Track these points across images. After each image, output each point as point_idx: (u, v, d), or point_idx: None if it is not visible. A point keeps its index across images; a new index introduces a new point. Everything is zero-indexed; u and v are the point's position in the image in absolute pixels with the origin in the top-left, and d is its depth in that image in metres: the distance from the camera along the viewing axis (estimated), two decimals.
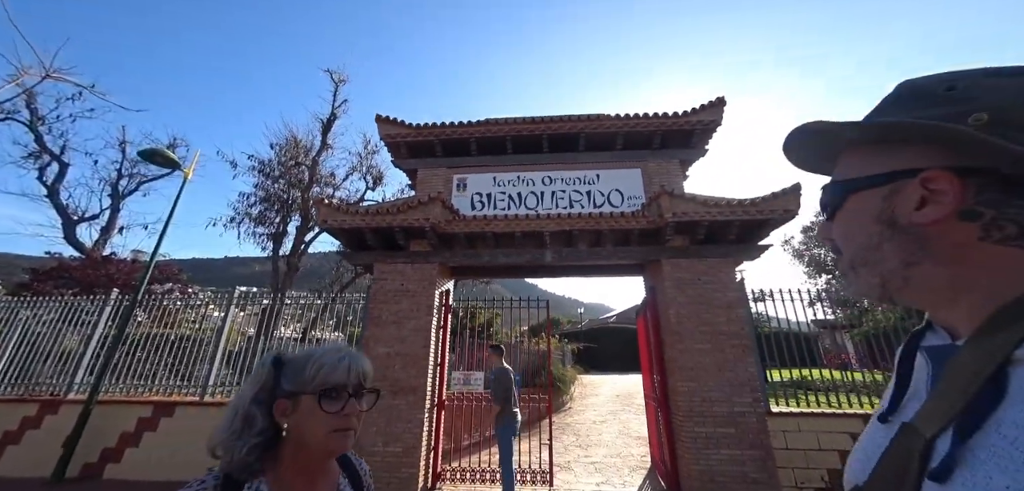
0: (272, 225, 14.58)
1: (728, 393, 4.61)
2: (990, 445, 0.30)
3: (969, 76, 0.39)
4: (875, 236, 0.42)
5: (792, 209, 4.72)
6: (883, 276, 0.42)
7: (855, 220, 0.44)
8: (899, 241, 0.40)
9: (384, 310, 5.34)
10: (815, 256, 17.08)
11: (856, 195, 0.43)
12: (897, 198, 0.40)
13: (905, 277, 0.40)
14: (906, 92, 0.43)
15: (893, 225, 0.40)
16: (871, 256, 0.42)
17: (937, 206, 0.37)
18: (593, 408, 11.24)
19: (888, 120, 0.40)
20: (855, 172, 0.44)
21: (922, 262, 0.39)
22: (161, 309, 6.59)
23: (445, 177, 6.04)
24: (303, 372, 0.73)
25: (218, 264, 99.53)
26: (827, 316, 5.55)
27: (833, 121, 0.44)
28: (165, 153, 6.15)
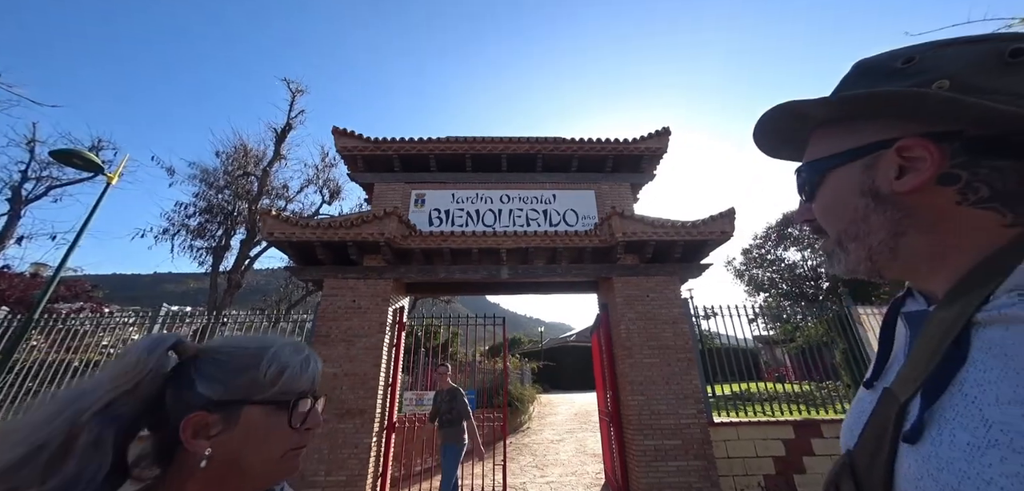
0: (213, 238, 13.42)
1: (674, 406, 4.82)
2: (954, 405, 0.31)
3: (925, 48, 0.40)
4: (861, 209, 0.42)
5: (728, 231, 5.16)
6: (871, 248, 0.42)
7: (839, 196, 0.44)
8: (885, 212, 0.40)
9: (333, 327, 5.06)
10: (754, 276, 18.63)
11: (835, 172, 0.44)
12: (877, 170, 0.40)
13: (892, 247, 0.41)
14: (864, 69, 0.44)
15: (877, 196, 0.40)
16: (860, 229, 0.42)
17: (916, 173, 0.38)
18: (551, 427, 11.21)
19: (858, 92, 0.40)
20: (830, 149, 0.44)
21: (908, 231, 0.40)
22: (65, 331, 5.74)
23: (403, 192, 5.95)
24: (248, 372, 0.52)
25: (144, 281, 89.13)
26: (766, 332, 6.02)
27: (806, 99, 0.44)
28: (84, 155, 5.49)
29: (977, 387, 0.30)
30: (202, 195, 13.55)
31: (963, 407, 0.31)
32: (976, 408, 0.30)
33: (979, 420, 0.29)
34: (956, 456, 0.30)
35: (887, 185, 0.39)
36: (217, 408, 0.49)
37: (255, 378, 0.51)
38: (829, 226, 0.46)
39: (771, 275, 17.83)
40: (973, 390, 0.30)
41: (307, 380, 0.55)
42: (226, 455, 0.49)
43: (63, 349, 5.52)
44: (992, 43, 0.37)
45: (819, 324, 6.99)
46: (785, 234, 17.95)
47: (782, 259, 17.87)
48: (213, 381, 0.50)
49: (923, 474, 0.32)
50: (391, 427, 5.15)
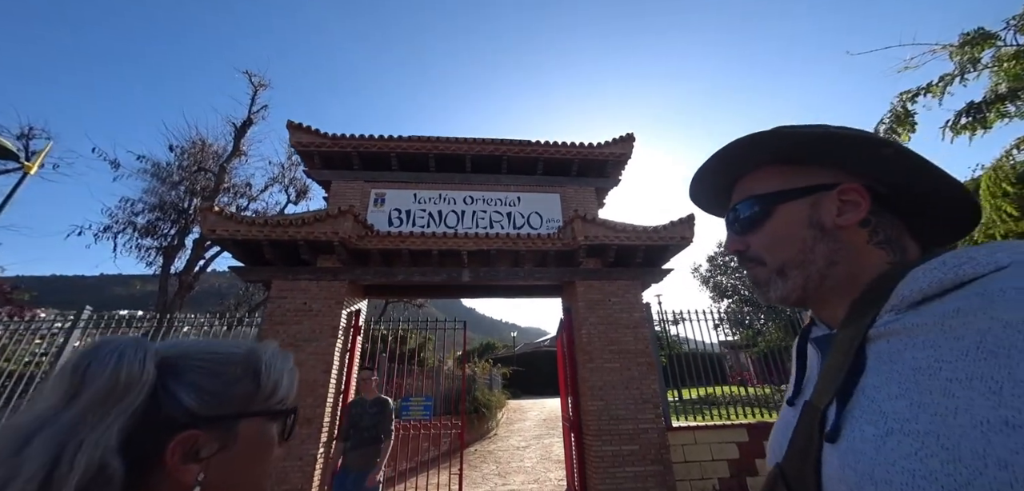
0: (164, 237, 12.53)
1: (633, 411, 4.82)
2: (861, 406, 0.38)
3: (833, 128, 0.46)
4: (810, 240, 0.47)
5: (687, 236, 5.25)
6: (809, 276, 0.48)
7: (788, 227, 0.49)
8: (827, 244, 0.47)
9: (281, 331, 4.76)
10: (718, 283, 19.34)
11: (785, 205, 0.49)
12: (821, 207, 0.47)
13: (824, 274, 0.47)
14: (786, 134, 0.49)
15: (822, 229, 0.47)
16: (805, 258, 0.48)
17: (851, 213, 0.46)
18: (519, 434, 11.09)
19: (843, 130, 0.46)
20: (779, 186, 0.50)
21: (839, 261, 0.46)
22: None
23: (362, 191, 5.71)
24: (243, 381, 0.45)
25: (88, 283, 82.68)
26: (729, 337, 6.17)
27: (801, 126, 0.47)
28: None
29: (874, 389, 0.38)
30: (153, 191, 12.66)
31: (867, 406, 0.38)
32: (876, 406, 0.37)
33: (879, 415, 0.36)
34: (866, 447, 0.36)
35: (830, 220, 0.47)
36: (209, 424, 0.41)
37: (252, 388, 0.45)
38: (773, 255, 0.51)
39: (734, 282, 18.57)
40: (872, 392, 0.38)
41: (295, 389, 0.51)
42: (221, 479, 0.41)
43: None
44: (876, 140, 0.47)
45: (777, 328, 7.25)
46: None
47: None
48: (201, 392, 0.42)
49: (844, 466, 0.38)
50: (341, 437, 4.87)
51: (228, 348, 0.47)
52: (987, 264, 0.35)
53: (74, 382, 0.36)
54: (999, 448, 0.29)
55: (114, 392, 0.36)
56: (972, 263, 0.36)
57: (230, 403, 0.43)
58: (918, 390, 0.34)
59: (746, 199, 0.53)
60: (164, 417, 0.39)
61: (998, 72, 3.31)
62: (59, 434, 0.33)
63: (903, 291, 0.38)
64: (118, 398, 0.36)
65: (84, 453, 0.33)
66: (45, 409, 0.35)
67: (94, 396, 0.36)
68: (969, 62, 3.46)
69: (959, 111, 3.65)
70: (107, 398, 0.36)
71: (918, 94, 3.81)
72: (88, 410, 0.35)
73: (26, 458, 0.32)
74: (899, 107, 3.95)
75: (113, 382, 0.36)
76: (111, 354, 0.38)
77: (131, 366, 0.38)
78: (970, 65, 3.47)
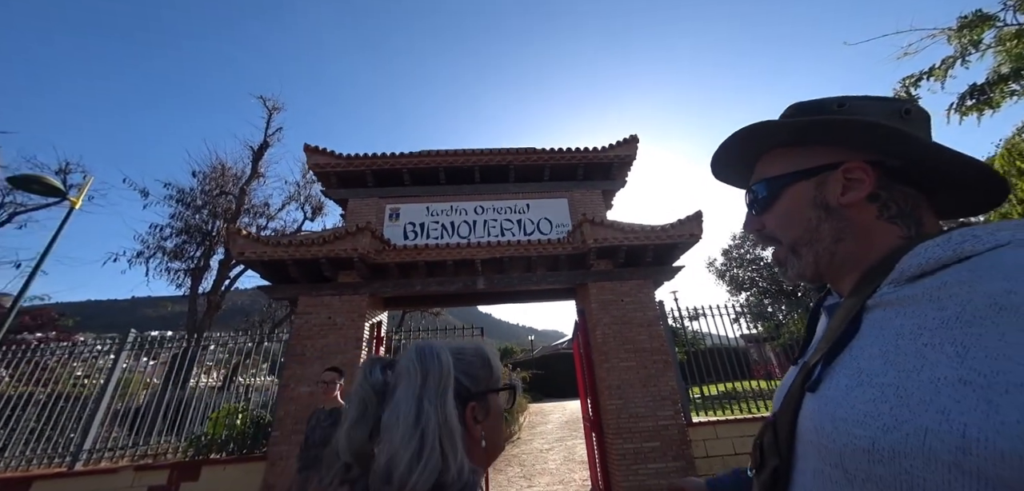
0: (191, 259, 13.12)
1: (652, 408, 4.87)
2: (843, 362, 0.42)
3: (851, 98, 0.50)
4: (814, 219, 0.50)
5: (696, 233, 5.29)
6: (817, 254, 0.50)
7: (795, 207, 0.52)
8: (832, 221, 0.49)
9: (308, 345, 4.99)
10: (735, 276, 18.99)
11: (792, 187, 0.52)
12: (826, 187, 0.49)
13: (833, 252, 0.49)
14: (804, 109, 0.53)
15: (826, 208, 0.49)
16: (812, 236, 0.50)
17: (855, 191, 0.47)
18: (541, 437, 11.16)
19: (841, 117, 0.49)
20: (786, 168, 0.53)
21: (845, 238, 0.48)
22: (31, 363, 5.51)
23: (377, 207, 5.95)
24: (486, 368, 0.63)
25: (121, 306, 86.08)
26: (751, 330, 6.10)
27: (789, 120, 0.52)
28: (44, 180, 5.34)
29: (859, 349, 0.41)
30: (179, 216, 13.27)
31: (848, 362, 0.41)
32: (855, 363, 0.40)
33: (855, 370, 0.40)
34: (838, 395, 0.40)
35: (835, 199, 0.49)
36: (479, 398, 0.60)
37: (491, 374, 0.63)
38: (784, 234, 0.53)
39: (751, 274, 18.20)
40: (856, 352, 0.41)
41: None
42: (488, 434, 0.60)
43: (29, 382, 5.31)
44: (896, 102, 0.50)
45: (800, 319, 7.15)
46: None
47: (760, 258, 18.27)
48: (471, 377, 0.60)
49: (815, 411, 0.42)
50: None
51: (471, 347, 0.65)
52: (987, 241, 0.36)
53: (421, 368, 0.55)
54: (945, 398, 0.31)
55: (445, 374, 0.55)
56: (973, 240, 0.37)
57: (484, 383, 0.61)
58: (896, 352, 0.36)
59: (759, 181, 0.56)
60: (460, 392, 0.58)
61: (1001, 52, 3.26)
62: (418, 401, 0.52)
63: (903, 265, 0.41)
64: (441, 384, 0.55)
65: (436, 413, 0.52)
66: (410, 387, 0.54)
67: (436, 378, 0.55)
68: (970, 44, 3.43)
69: (962, 93, 3.61)
70: (442, 378, 0.55)
71: (920, 79, 3.78)
72: (433, 386, 0.54)
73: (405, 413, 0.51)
74: (902, 92, 3.94)
75: (442, 367, 0.56)
76: (432, 351, 0.57)
77: (445, 358, 0.57)
78: (971, 47, 3.43)
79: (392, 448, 0.48)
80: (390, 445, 0.49)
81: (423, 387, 0.53)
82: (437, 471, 0.47)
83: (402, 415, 0.50)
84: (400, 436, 0.48)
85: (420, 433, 0.49)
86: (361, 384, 0.57)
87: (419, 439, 0.48)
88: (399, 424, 0.49)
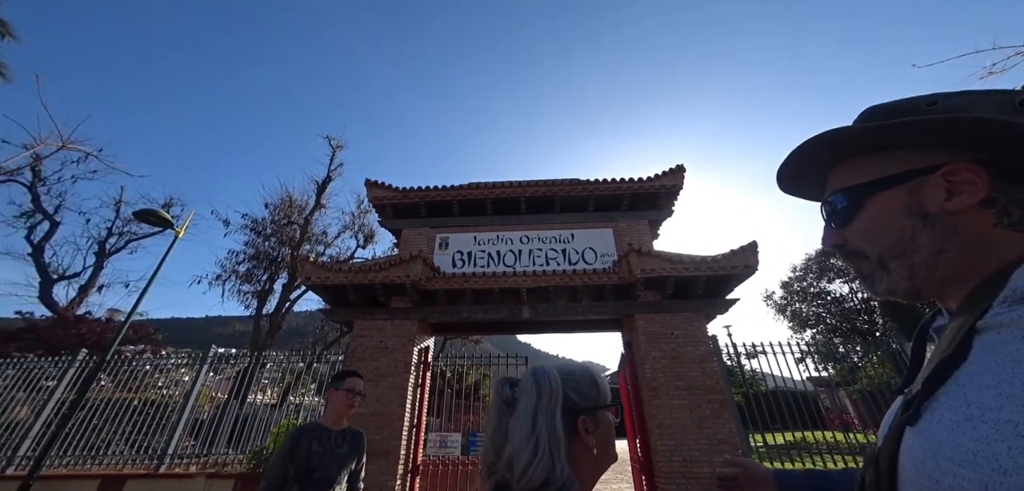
0: (259, 282, 14.49)
1: (708, 453, 4.53)
2: (948, 393, 0.37)
3: (943, 95, 0.44)
4: (909, 229, 0.44)
5: (751, 264, 5.01)
6: (913, 266, 0.44)
7: (883, 218, 0.46)
8: (932, 230, 0.43)
9: (361, 368, 5.28)
10: (797, 311, 17.33)
11: (879, 195, 0.47)
12: (923, 192, 0.43)
13: (932, 264, 0.43)
14: (885, 112, 0.48)
15: (925, 216, 0.43)
16: (906, 248, 0.44)
17: (965, 195, 0.41)
18: None
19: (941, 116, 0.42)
20: (868, 175, 0.48)
21: (948, 249, 0.42)
22: (128, 372, 6.34)
23: (428, 236, 6.30)
24: (595, 386, 0.68)
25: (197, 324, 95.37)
26: (820, 373, 5.51)
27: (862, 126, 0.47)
28: (159, 213, 6.32)
29: (967, 378, 0.36)
30: (251, 243, 14.84)
31: (954, 393, 0.37)
32: (963, 393, 0.36)
33: (962, 401, 0.35)
34: (941, 429, 0.36)
35: (936, 206, 0.43)
36: (588, 412, 0.66)
37: (599, 391, 0.68)
38: (871, 247, 0.48)
39: (816, 310, 16.50)
40: (965, 380, 0.37)
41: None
42: (599, 445, 0.66)
43: (124, 389, 6.09)
44: (1003, 94, 0.43)
45: (880, 362, 6.38)
46: (827, 265, 16.75)
47: (827, 292, 16.58)
48: (581, 394, 0.66)
49: (915, 446, 0.38)
50: (415, 469, 5.16)
51: (580, 369, 0.71)
52: None
53: (536, 388, 0.64)
54: None
55: (554, 393, 0.63)
56: None
57: (592, 400, 0.67)
58: (1011, 382, 0.33)
59: (836, 192, 0.51)
60: (570, 407, 0.65)
61: None
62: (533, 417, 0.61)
63: (1018, 282, 0.36)
64: (553, 399, 0.63)
65: (547, 424, 0.60)
66: (528, 402, 0.63)
67: (547, 396, 0.63)
68: None
69: None
70: (552, 396, 0.63)
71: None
72: (545, 403, 0.62)
73: (524, 424, 0.60)
74: None
75: (552, 387, 0.64)
76: (545, 373, 0.66)
77: (555, 380, 0.65)
78: None
79: (514, 448, 0.59)
80: (512, 446, 0.60)
81: (537, 403, 0.62)
82: (547, 470, 0.57)
83: (521, 424, 0.60)
84: (520, 439, 0.59)
85: (535, 439, 0.59)
86: (495, 400, 0.68)
87: (534, 443, 0.58)
88: (519, 431, 0.60)
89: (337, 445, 1.92)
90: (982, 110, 0.41)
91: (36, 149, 8.48)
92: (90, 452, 5.41)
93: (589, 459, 0.64)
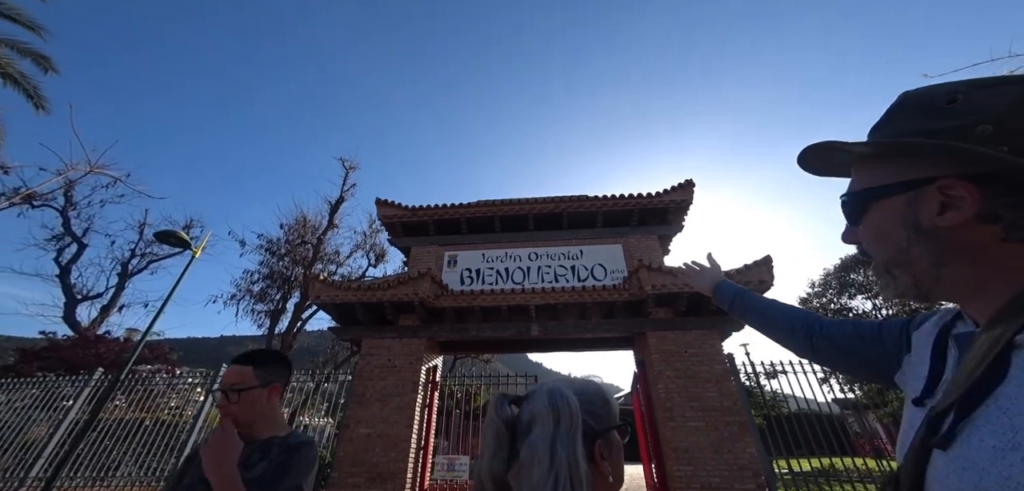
0: (272, 302, 14.69)
1: (729, 479, 4.31)
2: (988, 416, 0.34)
3: (965, 87, 0.42)
4: (904, 240, 0.43)
5: (766, 279, 4.86)
6: (916, 276, 0.44)
7: (883, 226, 0.46)
8: (926, 244, 0.42)
9: (369, 387, 5.23)
10: None
11: (879, 203, 0.46)
12: (919, 204, 0.42)
13: (936, 277, 0.42)
14: (910, 103, 0.45)
15: (918, 229, 0.42)
16: (904, 258, 0.44)
17: (957, 211, 0.40)
18: None
19: (902, 140, 0.43)
20: (872, 182, 0.47)
21: (949, 263, 0.41)
22: (143, 391, 6.41)
23: (436, 254, 6.32)
24: (606, 406, 0.63)
25: (211, 343, 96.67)
26: (846, 395, 5.26)
27: (844, 141, 0.48)
28: (178, 234, 6.50)
29: (1010, 400, 0.33)
30: (265, 263, 15.12)
31: (996, 417, 0.34)
32: (1007, 418, 0.33)
33: (1008, 427, 0.32)
34: (982, 457, 0.33)
35: (929, 220, 0.41)
36: (602, 436, 0.60)
37: (610, 412, 0.63)
38: (875, 253, 0.48)
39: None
40: (1007, 403, 0.33)
41: None
42: (614, 470, 0.61)
43: (138, 408, 6.14)
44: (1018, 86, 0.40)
45: None
46: (847, 281, 16.19)
47: (848, 308, 15.96)
48: (595, 416, 0.60)
49: (949, 473, 0.36)
50: None
51: (592, 387, 0.65)
52: None
53: (554, 412, 0.56)
54: None
55: (574, 419, 0.56)
56: None
57: (606, 421, 0.62)
58: None
59: (845, 194, 0.50)
60: (586, 431, 0.58)
61: None
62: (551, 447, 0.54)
63: None
64: (572, 423, 0.56)
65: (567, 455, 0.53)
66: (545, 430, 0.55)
67: (567, 422, 0.56)
68: None
69: None
70: (572, 422, 0.56)
71: None
72: (565, 430, 0.55)
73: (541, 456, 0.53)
74: None
75: (571, 411, 0.56)
76: (562, 396, 0.58)
77: (574, 403, 0.57)
78: None
79: (531, 485, 0.51)
80: (529, 484, 0.52)
81: (556, 430, 0.55)
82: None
83: (538, 458, 0.53)
84: (538, 476, 0.52)
85: (554, 475, 0.52)
86: (493, 419, 0.60)
87: (553, 480, 0.51)
88: (536, 466, 0.53)
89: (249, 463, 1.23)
90: (999, 107, 0.39)
91: (67, 174, 8.93)
92: (100, 472, 5.43)
93: (604, 487, 0.58)
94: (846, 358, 0.70)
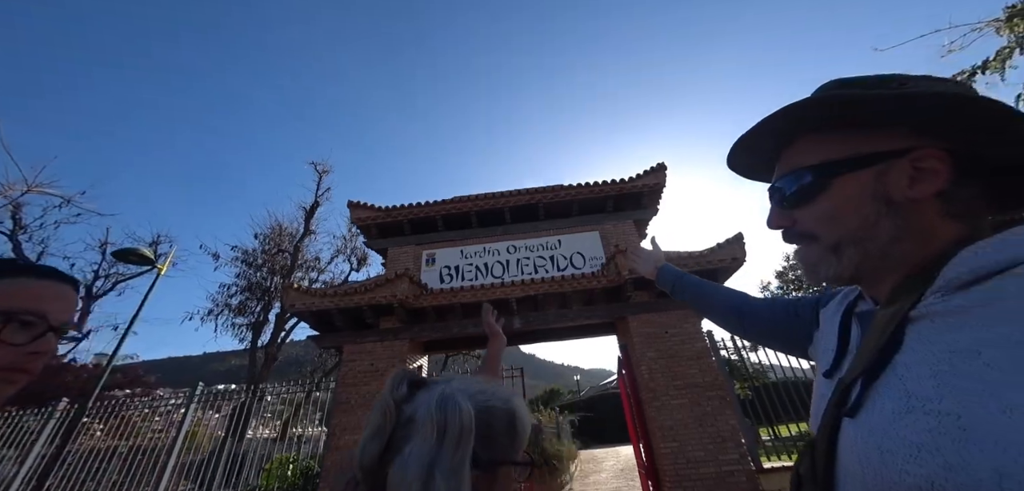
0: (252, 314, 14.28)
1: (712, 451, 4.41)
2: (887, 382, 0.37)
3: (911, 76, 0.42)
4: (873, 215, 0.42)
5: (739, 257, 4.96)
6: (866, 254, 0.43)
7: (848, 201, 0.43)
8: (894, 218, 0.41)
9: (353, 393, 5.13)
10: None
11: (844, 177, 0.43)
12: (889, 177, 0.41)
13: (885, 253, 0.42)
14: (853, 87, 0.44)
15: (889, 202, 0.41)
16: (865, 234, 0.42)
17: (928, 183, 0.40)
18: (594, 486, 10.36)
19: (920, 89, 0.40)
20: (836, 154, 0.44)
21: (904, 237, 0.41)
22: (120, 418, 6.11)
23: (414, 254, 6.22)
24: (505, 434, 0.49)
25: (194, 362, 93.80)
26: None
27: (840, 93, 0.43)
28: (140, 252, 6.20)
29: (904, 368, 0.36)
30: (242, 275, 14.66)
31: (893, 383, 0.36)
32: (901, 383, 0.36)
33: (902, 392, 0.35)
34: (883, 421, 0.35)
35: (900, 193, 0.40)
36: (487, 469, 0.47)
37: (515, 440, 0.50)
38: (828, 231, 0.45)
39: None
40: (902, 370, 0.36)
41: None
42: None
43: (115, 435, 5.88)
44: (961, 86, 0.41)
45: None
46: None
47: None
48: (487, 441, 0.47)
49: (857, 438, 0.38)
50: None
51: (503, 407, 0.51)
52: None
53: (437, 424, 0.45)
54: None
55: (463, 437, 0.45)
56: None
57: (500, 452, 0.49)
58: (952, 373, 0.32)
59: (795, 170, 0.47)
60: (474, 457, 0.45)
61: None
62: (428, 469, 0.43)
63: (949, 273, 0.36)
64: (464, 441, 0.44)
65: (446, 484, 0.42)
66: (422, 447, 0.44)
67: (452, 441, 0.44)
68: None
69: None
70: (459, 441, 0.44)
71: (975, 73, 3.46)
72: (448, 453, 0.44)
73: (412, 479, 0.42)
74: None
75: (461, 427, 0.45)
76: (454, 405, 0.46)
77: (467, 416, 0.45)
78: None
79: None
80: None
81: (437, 450, 0.44)
82: None
83: (410, 478, 0.42)
84: None
85: None
86: (386, 395, 0.49)
87: None
88: (401, 487, 0.43)
89: None
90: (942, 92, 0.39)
91: (5, 193, 8.29)
92: None
93: None
94: (770, 335, 0.75)
